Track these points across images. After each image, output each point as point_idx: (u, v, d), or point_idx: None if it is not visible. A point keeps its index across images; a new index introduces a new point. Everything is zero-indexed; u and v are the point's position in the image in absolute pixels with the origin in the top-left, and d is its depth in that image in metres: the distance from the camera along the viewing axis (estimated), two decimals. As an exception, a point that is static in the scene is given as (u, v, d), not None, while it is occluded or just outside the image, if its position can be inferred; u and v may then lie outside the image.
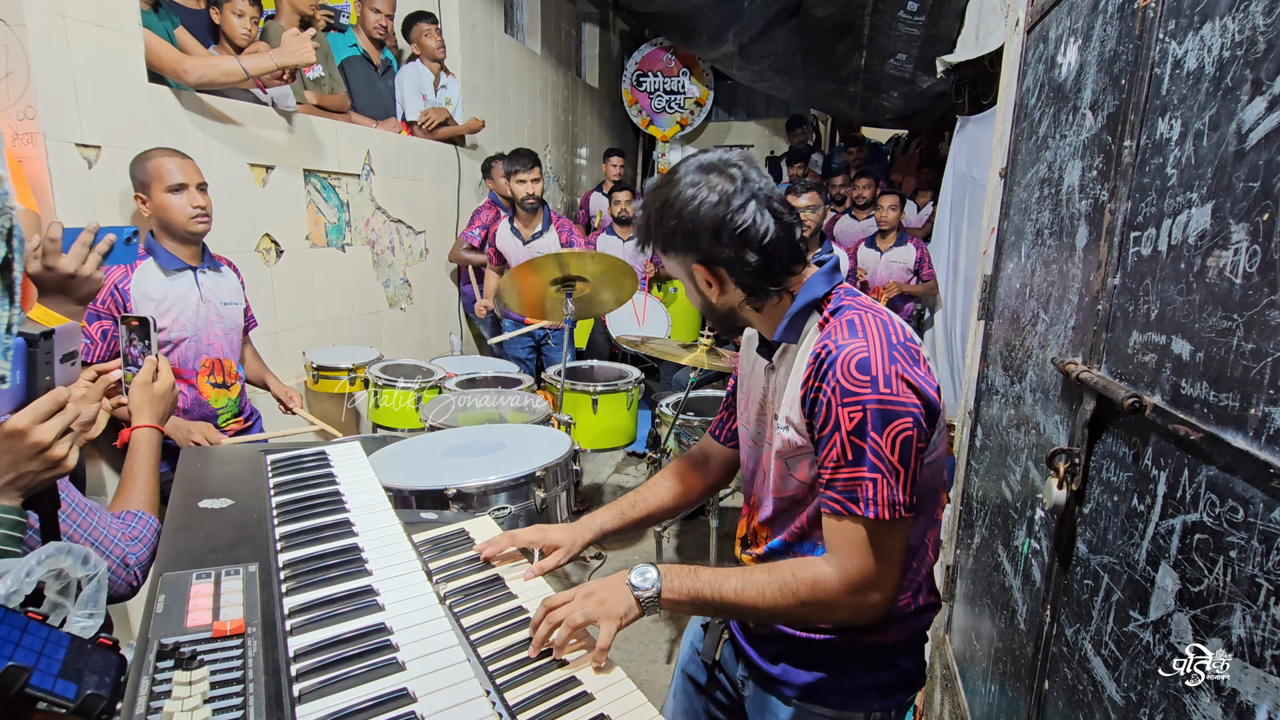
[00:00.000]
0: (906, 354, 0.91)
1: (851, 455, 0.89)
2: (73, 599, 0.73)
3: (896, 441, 0.88)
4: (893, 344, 0.91)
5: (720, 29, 5.11)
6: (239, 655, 0.68)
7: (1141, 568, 0.85)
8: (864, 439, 0.88)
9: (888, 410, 0.88)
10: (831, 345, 0.92)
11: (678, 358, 2.31)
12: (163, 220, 1.94)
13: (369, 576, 0.88)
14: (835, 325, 0.95)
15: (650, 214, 1.00)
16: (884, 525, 0.90)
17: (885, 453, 0.88)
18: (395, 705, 0.67)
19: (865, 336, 0.91)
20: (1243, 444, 0.67)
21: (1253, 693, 0.64)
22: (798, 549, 1.06)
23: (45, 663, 0.61)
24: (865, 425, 0.88)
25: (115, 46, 2.02)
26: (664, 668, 2.33)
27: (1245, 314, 0.69)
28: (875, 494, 0.89)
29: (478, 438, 1.81)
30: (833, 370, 0.89)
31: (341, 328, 3.22)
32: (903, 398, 0.88)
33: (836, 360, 0.89)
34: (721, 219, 0.95)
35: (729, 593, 0.96)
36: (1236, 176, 0.72)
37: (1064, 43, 1.34)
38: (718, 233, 0.95)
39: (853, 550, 0.92)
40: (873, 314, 0.95)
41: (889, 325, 0.94)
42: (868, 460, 0.88)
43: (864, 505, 0.89)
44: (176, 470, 1.11)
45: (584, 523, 1.22)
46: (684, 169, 0.99)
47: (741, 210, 0.95)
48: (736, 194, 0.95)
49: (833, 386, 0.89)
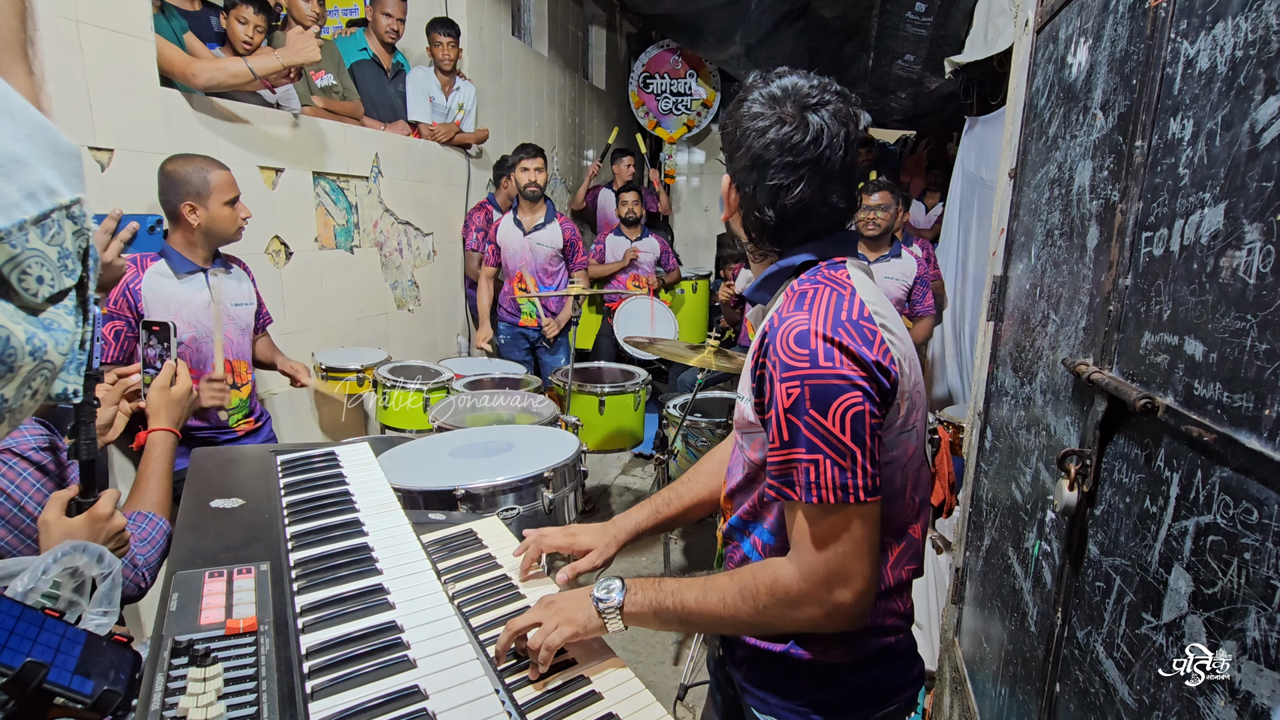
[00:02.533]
0: (854, 330, 0.82)
1: (788, 435, 0.80)
2: (88, 597, 0.74)
3: (845, 418, 0.79)
4: (840, 319, 0.82)
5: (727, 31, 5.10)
6: (252, 652, 0.68)
7: (1154, 570, 0.85)
8: (800, 416, 0.79)
9: (828, 385, 0.79)
10: (776, 318, 0.85)
11: (685, 359, 2.31)
12: (210, 229, 1.99)
13: (379, 575, 0.89)
14: (789, 297, 0.88)
15: (730, 107, 0.94)
16: (836, 510, 0.80)
17: (831, 430, 0.78)
18: (407, 702, 0.68)
19: (811, 309, 0.83)
20: (1257, 445, 0.67)
21: (1268, 695, 0.63)
22: (752, 529, 0.98)
23: (62, 659, 0.61)
24: (802, 401, 0.79)
25: (128, 51, 2.04)
26: (671, 669, 2.33)
27: (1259, 314, 0.68)
28: (817, 476, 0.79)
29: (485, 439, 1.81)
30: (773, 344, 0.82)
31: (350, 329, 3.23)
32: (845, 370, 0.80)
33: (777, 333, 0.82)
34: (760, 160, 0.88)
35: (690, 602, 0.88)
36: (1250, 176, 0.72)
37: (1074, 43, 1.33)
38: (751, 167, 0.89)
39: (805, 541, 0.83)
40: (833, 289, 0.86)
41: (845, 301, 0.85)
42: (803, 439, 0.79)
43: (802, 490, 0.80)
44: (188, 470, 1.12)
45: (617, 523, 1.15)
46: (768, 84, 0.91)
47: (781, 169, 0.87)
48: (790, 150, 0.87)
49: (773, 361, 0.82)
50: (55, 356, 0.48)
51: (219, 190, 1.96)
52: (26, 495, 0.94)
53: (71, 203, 0.50)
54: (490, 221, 3.83)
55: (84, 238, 0.51)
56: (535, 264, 3.59)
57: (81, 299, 0.52)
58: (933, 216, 5.09)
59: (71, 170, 0.51)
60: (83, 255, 0.51)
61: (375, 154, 3.28)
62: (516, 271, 3.61)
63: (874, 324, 0.84)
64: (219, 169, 1.98)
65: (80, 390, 0.52)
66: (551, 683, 0.83)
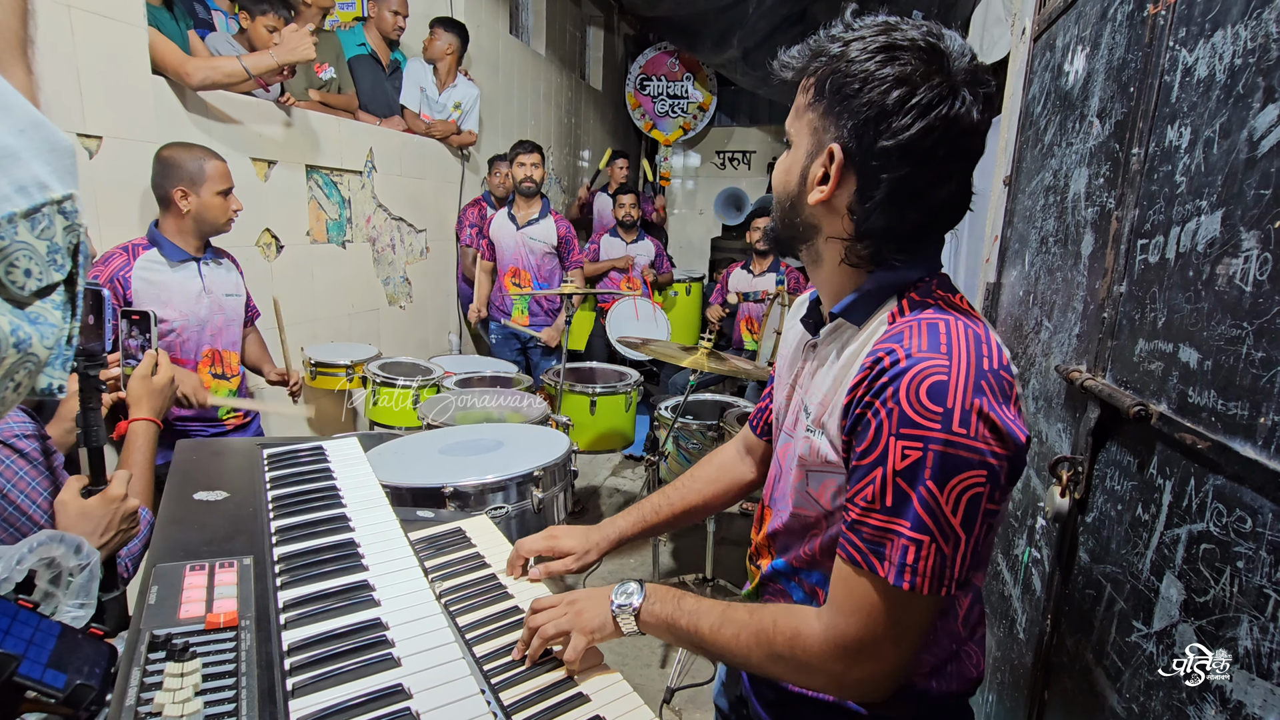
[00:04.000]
0: (998, 385, 0.68)
1: (891, 500, 0.68)
2: (64, 588, 0.72)
3: (962, 499, 0.66)
4: (983, 369, 0.68)
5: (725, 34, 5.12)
6: (232, 648, 0.67)
7: (1145, 577, 0.85)
8: (915, 486, 0.67)
9: (958, 456, 0.66)
10: (900, 353, 0.69)
11: (678, 360, 2.30)
12: (201, 217, 1.98)
13: (365, 572, 0.87)
14: (911, 326, 0.71)
15: (836, 40, 0.73)
16: (911, 598, 0.69)
17: (942, 510, 0.66)
18: (390, 701, 0.66)
19: (950, 352, 0.68)
20: (1252, 453, 0.67)
21: (1260, 705, 0.63)
22: (804, 577, 0.87)
23: (35, 652, 0.60)
24: (922, 470, 0.66)
25: (119, 38, 2.01)
26: (658, 672, 2.32)
27: (1255, 322, 0.68)
28: (916, 560, 0.67)
29: (475, 437, 1.80)
30: (895, 387, 0.67)
31: (341, 325, 3.20)
32: (980, 443, 0.66)
33: (904, 375, 0.67)
34: (917, 145, 0.69)
35: (705, 628, 0.81)
36: (1248, 184, 0.72)
37: (1071, 51, 1.34)
38: (905, 150, 0.69)
39: (855, 611, 0.71)
40: (964, 323, 0.71)
41: (983, 342, 0.70)
42: (912, 513, 0.67)
43: (890, 567, 0.68)
44: (172, 462, 1.10)
45: (602, 529, 1.10)
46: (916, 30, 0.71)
47: (945, 159, 0.70)
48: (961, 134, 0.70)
49: (890, 409, 0.67)
50: (40, 350, 0.47)
51: (213, 179, 1.96)
52: (10, 484, 0.92)
53: (64, 198, 0.50)
54: (484, 218, 3.81)
55: (75, 233, 0.51)
56: (528, 259, 3.58)
57: (70, 294, 0.52)
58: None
59: (65, 166, 0.51)
60: (73, 251, 0.51)
61: (369, 148, 3.26)
62: (510, 267, 3.59)
63: (1011, 374, 0.71)
64: (216, 159, 1.98)
65: (65, 385, 0.51)
66: (539, 684, 0.82)
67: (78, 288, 0.52)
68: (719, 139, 7.94)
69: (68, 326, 0.51)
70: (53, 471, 1.01)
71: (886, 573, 0.69)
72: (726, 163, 7.95)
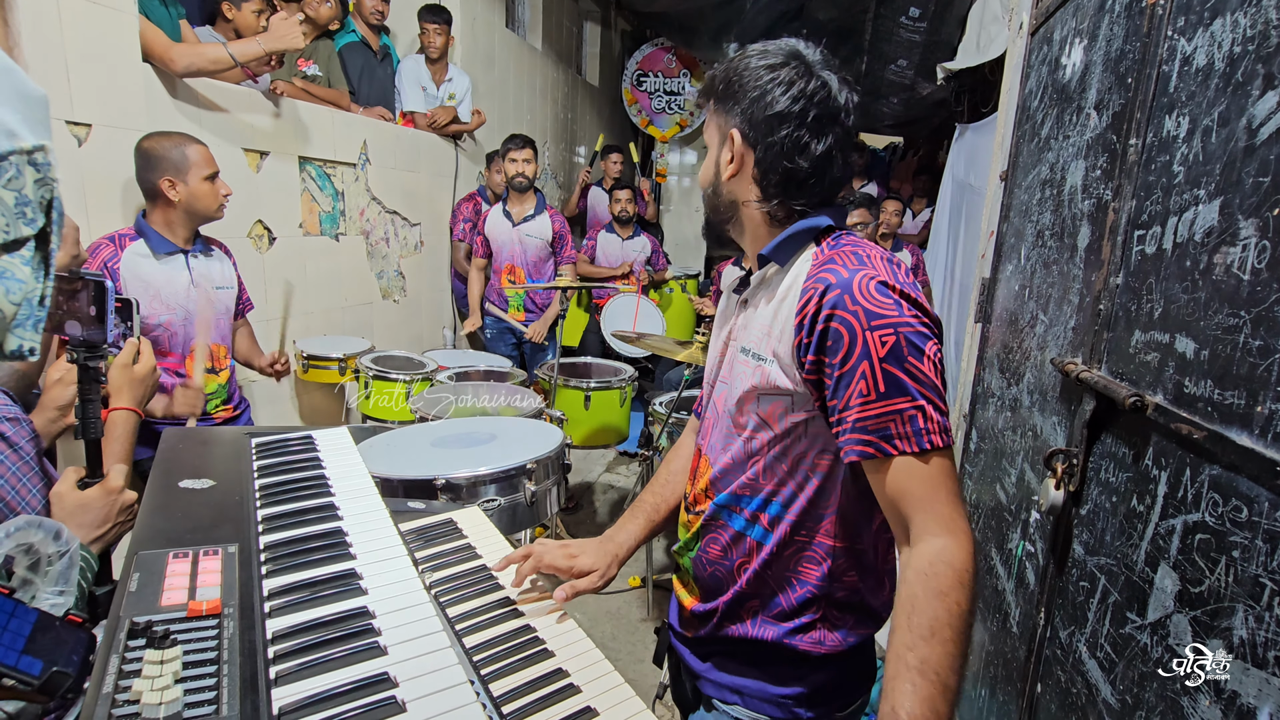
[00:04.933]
0: (913, 290, 0.82)
1: (884, 385, 0.76)
2: (43, 575, 0.71)
3: (937, 362, 0.78)
4: (899, 279, 0.81)
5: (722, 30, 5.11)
6: (214, 636, 0.65)
7: (1140, 569, 0.84)
8: (899, 364, 0.76)
9: (920, 331, 0.78)
10: (841, 270, 0.81)
11: (673, 354, 2.29)
12: (191, 205, 1.94)
13: (352, 560, 0.86)
14: (837, 255, 0.85)
15: (728, 62, 0.93)
16: (942, 453, 0.77)
17: (929, 375, 0.77)
18: (375, 689, 0.65)
19: (873, 265, 0.82)
20: (1248, 442, 0.66)
21: (1254, 695, 0.63)
22: (748, 504, 0.93)
23: (9, 638, 0.58)
24: (900, 349, 0.76)
25: (109, 24, 1.99)
26: (651, 667, 2.31)
27: (1253, 310, 0.68)
28: (925, 422, 0.76)
29: (468, 429, 1.78)
30: (849, 294, 0.78)
31: (333, 318, 3.18)
32: (925, 317, 0.80)
33: (851, 284, 0.79)
34: (787, 112, 0.86)
35: (930, 683, 0.71)
36: (1246, 172, 0.71)
37: (1069, 44, 1.33)
38: (777, 119, 0.87)
39: (934, 494, 0.76)
40: (879, 252, 0.86)
41: (893, 266, 0.84)
42: (907, 387, 0.76)
43: (912, 439, 0.76)
44: (158, 449, 1.09)
45: (615, 539, 1.09)
46: (773, 44, 0.92)
47: (811, 122, 0.86)
48: (818, 103, 0.86)
49: (853, 310, 0.77)
50: (5, 306, 0.45)
51: (197, 165, 1.92)
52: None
53: (34, 149, 0.47)
54: (479, 213, 3.79)
55: (48, 188, 0.49)
56: (524, 256, 3.56)
57: (44, 253, 0.49)
58: (919, 222, 5.11)
59: (37, 117, 0.48)
60: (46, 206, 0.49)
61: (364, 141, 3.24)
62: (506, 264, 3.57)
63: (918, 291, 0.82)
64: (196, 144, 1.94)
65: (37, 348, 0.49)
66: (530, 674, 0.81)
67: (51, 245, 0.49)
68: (715, 136, 7.92)
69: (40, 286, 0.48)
70: (38, 459, 0.99)
71: (908, 446, 0.76)
72: (723, 160, 7.93)
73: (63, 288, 1.01)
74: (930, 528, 0.76)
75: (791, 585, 0.92)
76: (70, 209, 1.38)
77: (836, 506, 0.89)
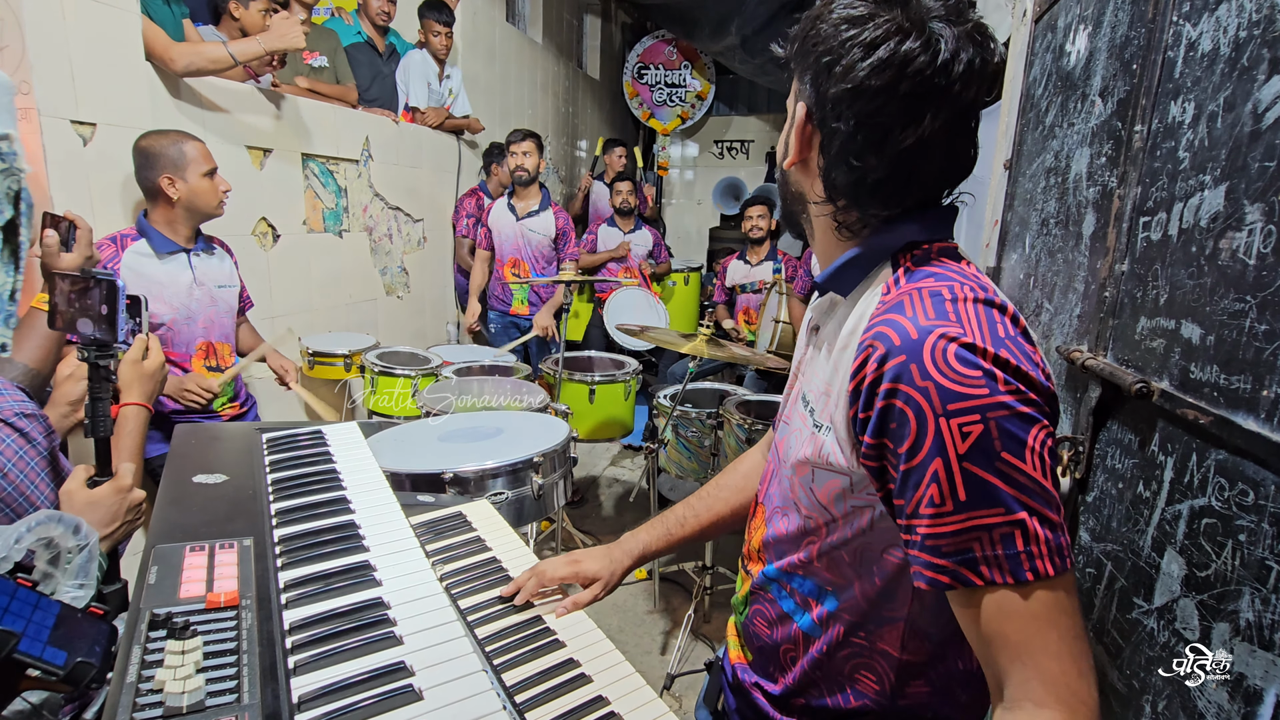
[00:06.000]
0: (1017, 347, 0.61)
1: (965, 493, 0.57)
2: (63, 568, 0.72)
3: (1044, 458, 0.58)
4: (997, 334, 0.60)
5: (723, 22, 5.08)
6: (233, 626, 0.67)
7: (1146, 554, 0.85)
8: (988, 465, 0.56)
9: (1020, 415, 0.57)
10: (908, 324, 0.60)
11: (677, 346, 2.30)
12: (192, 202, 1.94)
13: (366, 552, 0.87)
14: (912, 293, 0.63)
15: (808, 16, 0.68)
16: (1053, 585, 0.57)
17: (1033, 476, 0.57)
18: (393, 678, 0.66)
19: (960, 317, 0.60)
20: (1254, 426, 0.66)
21: (1261, 676, 0.63)
22: (797, 586, 0.77)
23: (34, 629, 0.60)
24: (990, 443, 0.56)
25: (113, 23, 1.99)
26: (658, 659, 2.33)
27: (1259, 295, 0.68)
28: (1027, 543, 0.56)
29: (475, 424, 1.79)
30: (916, 363, 0.58)
31: (338, 314, 3.19)
32: (1030, 392, 0.58)
33: (922, 348, 0.58)
34: (866, 86, 0.62)
35: None
36: (1252, 157, 0.71)
37: (1073, 30, 1.33)
38: (852, 95, 0.63)
39: (1036, 644, 0.57)
40: (971, 286, 0.63)
41: (995, 310, 0.62)
42: (1002, 496, 0.57)
43: (1007, 567, 0.57)
44: (170, 445, 1.10)
45: (623, 545, 1.01)
46: None
47: (899, 100, 0.62)
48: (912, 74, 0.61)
49: (923, 387, 0.58)
50: None
51: (195, 161, 1.92)
52: (10, 463, 0.91)
53: None
54: (481, 208, 3.80)
55: (15, 178, 0.49)
56: (528, 251, 3.57)
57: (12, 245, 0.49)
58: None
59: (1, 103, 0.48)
60: (13, 197, 0.49)
61: (366, 137, 3.24)
62: (509, 258, 3.58)
63: (1033, 342, 0.63)
64: (193, 140, 1.94)
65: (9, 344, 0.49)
66: (542, 665, 0.82)
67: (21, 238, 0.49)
68: (717, 128, 7.91)
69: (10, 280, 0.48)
70: (53, 454, 1.01)
71: (1003, 576, 0.57)
72: (725, 152, 7.92)
73: (75, 287, 1.02)
74: (1032, 692, 0.57)
75: (844, 691, 0.77)
76: (75, 209, 1.38)
77: (907, 613, 0.71)
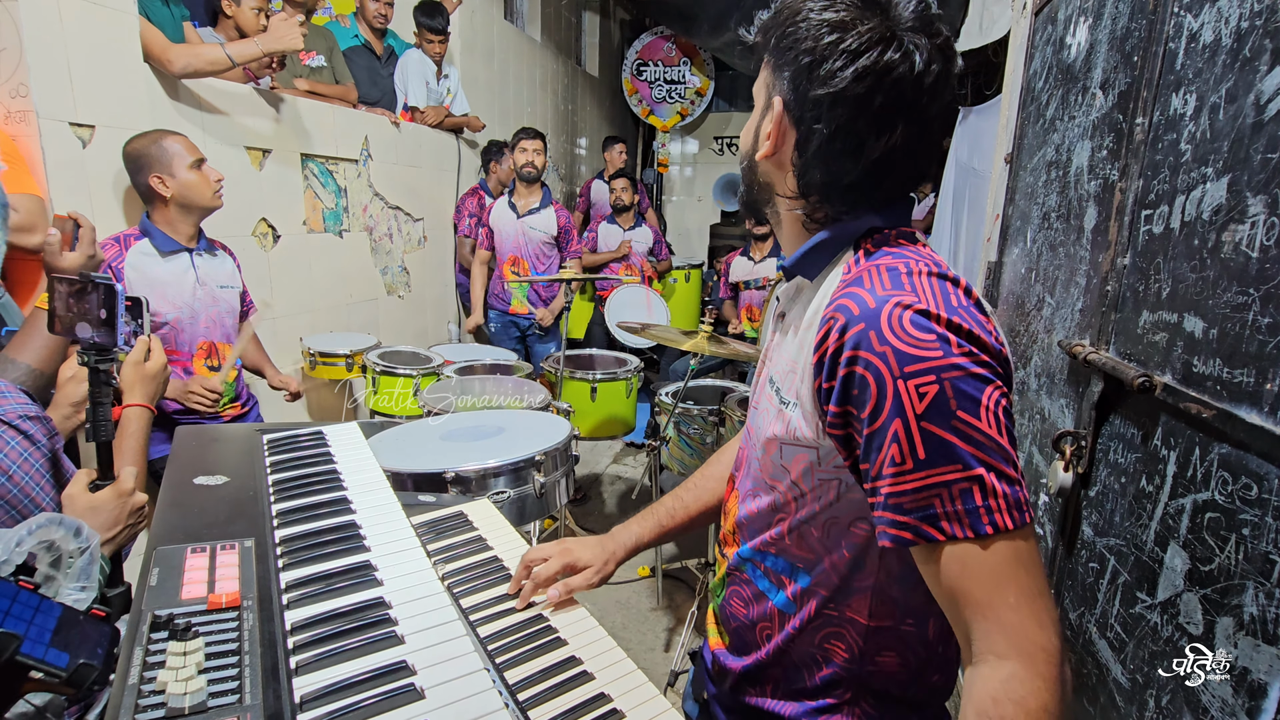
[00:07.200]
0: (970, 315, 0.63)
1: (924, 450, 0.59)
2: (65, 571, 0.72)
3: (999, 415, 0.60)
4: (950, 303, 0.63)
5: (721, 17, 5.07)
6: (235, 627, 0.67)
7: (1150, 549, 0.84)
8: (944, 422, 0.58)
9: (973, 376, 0.59)
10: (867, 295, 0.63)
11: (678, 343, 2.30)
12: (185, 197, 1.93)
13: (367, 553, 0.87)
14: (870, 270, 0.66)
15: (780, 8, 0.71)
16: (1012, 537, 0.59)
17: (988, 433, 0.59)
18: (394, 677, 0.66)
19: (912, 285, 0.63)
20: (1258, 420, 0.66)
21: (1265, 670, 0.63)
22: (770, 564, 0.79)
23: (36, 632, 0.60)
24: (945, 402, 0.58)
25: (111, 25, 1.99)
26: (662, 655, 2.33)
27: (1262, 288, 0.68)
28: (985, 497, 0.58)
29: (476, 422, 1.79)
30: (874, 330, 0.61)
31: (339, 314, 3.19)
32: (983, 354, 0.61)
33: (879, 315, 0.61)
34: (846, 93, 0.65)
35: None
36: (1254, 148, 0.71)
37: (1074, 23, 1.32)
38: (832, 101, 0.65)
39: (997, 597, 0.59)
40: (926, 263, 0.67)
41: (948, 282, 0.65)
42: (960, 453, 0.58)
43: (966, 520, 0.59)
44: (172, 447, 1.10)
45: (616, 537, 1.02)
46: None
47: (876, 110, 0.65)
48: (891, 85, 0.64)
49: (881, 352, 0.60)
50: None
51: (179, 155, 1.90)
52: (14, 464, 0.91)
53: None
54: (483, 207, 3.80)
55: None
56: (528, 249, 3.57)
57: None
58: (924, 208, 5.08)
59: None
60: None
61: (365, 137, 3.24)
62: (509, 256, 3.58)
63: (985, 313, 0.65)
64: (172, 135, 1.93)
65: None
66: (543, 663, 0.82)
67: None
68: (717, 124, 7.89)
69: None
70: (56, 456, 1.01)
71: (962, 530, 0.58)
72: (725, 148, 7.91)
73: (73, 291, 1.02)
74: (994, 644, 0.59)
75: (816, 662, 0.79)
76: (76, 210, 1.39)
77: (873, 582, 0.73)
